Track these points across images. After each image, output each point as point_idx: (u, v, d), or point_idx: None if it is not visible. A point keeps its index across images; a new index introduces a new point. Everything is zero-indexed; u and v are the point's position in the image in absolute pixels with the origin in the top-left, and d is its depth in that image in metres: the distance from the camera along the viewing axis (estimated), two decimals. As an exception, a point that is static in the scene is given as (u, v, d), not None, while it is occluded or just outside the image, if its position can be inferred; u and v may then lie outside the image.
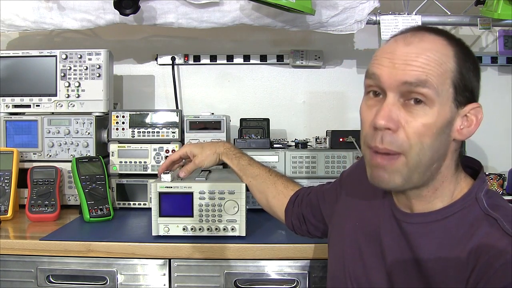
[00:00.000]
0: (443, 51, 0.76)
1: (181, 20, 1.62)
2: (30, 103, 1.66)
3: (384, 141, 0.74)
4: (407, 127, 0.73)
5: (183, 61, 2.00)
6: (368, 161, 0.79)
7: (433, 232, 0.78)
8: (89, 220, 1.43)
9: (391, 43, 0.79)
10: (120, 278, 1.25)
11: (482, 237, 0.73)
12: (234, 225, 1.25)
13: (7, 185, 1.50)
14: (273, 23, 1.63)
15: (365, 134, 0.78)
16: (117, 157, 1.62)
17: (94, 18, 1.62)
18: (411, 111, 0.74)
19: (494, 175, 1.73)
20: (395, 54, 0.75)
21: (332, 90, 2.00)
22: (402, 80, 0.73)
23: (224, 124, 1.64)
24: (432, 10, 1.75)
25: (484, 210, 0.77)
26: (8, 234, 1.33)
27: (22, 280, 1.26)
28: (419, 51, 0.74)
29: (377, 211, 0.89)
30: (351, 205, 0.96)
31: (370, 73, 0.78)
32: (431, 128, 0.74)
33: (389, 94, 0.74)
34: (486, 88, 0.83)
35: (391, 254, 0.83)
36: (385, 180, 0.76)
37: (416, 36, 0.77)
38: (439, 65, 0.74)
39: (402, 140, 0.74)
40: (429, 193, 0.80)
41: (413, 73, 0.73)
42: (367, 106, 0.79)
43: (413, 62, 0.74)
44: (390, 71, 0.74)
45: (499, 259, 0.69)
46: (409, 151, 0.74)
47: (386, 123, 0.73)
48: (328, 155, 1.59)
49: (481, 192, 0.80)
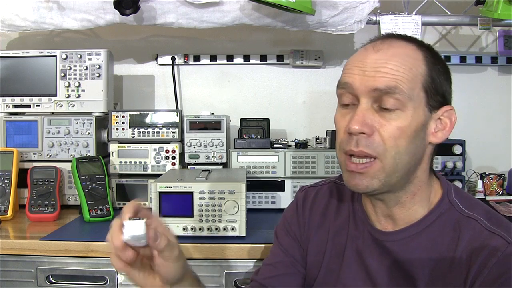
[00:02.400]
0: (413, 55, 0.77)
1: (181, 20, 1.62)
2: (30, 103, 1.66)
3: (359, 145, 0.75)
4: (382, 130, 0.74)
5: (183, 61, 2.00)
6: (344, 167, 0.79)
7: (420, 244, 0.79)
8: (89, 220, 1.43)
9: (361, 51, 0.80)
10: (120, 278, 1.25)
11: (469, 240, 0.75)
12: (234, 225, 1.25)
13: (7, 185, 1.50)
14: (273, 23, 1.63)
15: (340, 141, 0.79)
16: (117, 157, 1.62)
17: (94, 18, 1.62)
18: (384, 115, 0.74)
19: (494, 175, 1.73)
20: (365, 62, 0.76)
21: (332, 90, 1.96)
22: (372, 87, 0.74)
23: (224, 124, 1.64)
24: (432, 10, 1.75)
25: (461, 212, 0.78)
26: (8, 234, 1.33)
27: (22, 280, 1.26)
28: (388, 57, 0.75)
29: (356, 238, 0.87)
30: (323, 238, 0.92)
31: (342, 83, 0.79)
32: (405, 131, 0.74)
33: (362, 100, 0.75)
34: (486, 88, 0.84)
35: (380, 277, 0.82)
36: (362, 185, 0.77)
37: (385, 43, 0.78)
38: (408, 70, 0.75)
39: (378, 143, 0.74)
40: (408, 198, 0.80)
41: (383, 79, 0.74)
42: (341, 114, 0.80)
43: (382, 68, 0.74)
44: (361, 78, 0.75)
45: (492, 257, 0.71)
46: (384, 154, 0.74)
47: (360, 128, 0.74)
48: (328, 155, 1.59)
49: (451, 193, 0.81)
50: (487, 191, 1.72)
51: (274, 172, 1.59)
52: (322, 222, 0.94)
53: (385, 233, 0.83)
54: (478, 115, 1.96)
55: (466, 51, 1.99)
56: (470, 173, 1.79)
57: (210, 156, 1.63)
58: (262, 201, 1.59)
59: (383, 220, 0.83)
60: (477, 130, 1.93)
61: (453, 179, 1.65)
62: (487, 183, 1.73)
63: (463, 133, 1.65)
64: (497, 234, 0.73)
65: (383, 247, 0.82)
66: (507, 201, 1.65)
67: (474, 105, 1.95)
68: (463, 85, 1.95)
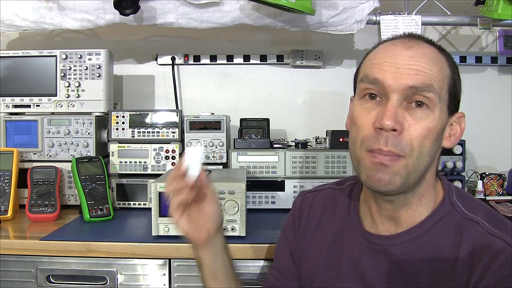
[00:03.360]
0: (439, 57, 0.77)
1: (181, 20, 1.62)
2: (30, 103, 1.66)
3: (388, 143, 0.72)
4: (411, 130, 0.73)
5: (183, 61, 2.00)
6: (366, 163, 0.75)
7: (421, 247, 0.78)
8: (89, 220, 1.43)
9: (389, 46, 0.78)
10: (120, 278, 1.25)
11: (471, 243, 0.74)
12: (234, 225, 1.25)
13: (7, 185, 1.50)
14: (273, 23, 1.63)
15: (363, 137, 0.75)
16: (117, 157, 1.62)
17: (94, 18, 1.62)
18: (413, 114, 0.73)
19: (494, 175, 1.73)
20: (396, 58, 0.74)
21: (332, 90, 2.00)
22: (408, 85, 0.72)
23: (224, 124, 1.64)
24: (432, 10, 1.75)
25: (463, 215, 0.77)
26: (8, 234, 1.33)
27: (22, 280, 1.26)
28: (420, 56, 0.74)
29: (352, 247, 0.86)
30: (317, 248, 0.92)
31: (370, 78, 0.76)
32: (432, 132, 0.74)
33: (393, 97, 0.73)
34: (486, 88, 0.84)
35: (378, 284, 0.80)
36: (385, 181, 0.74)
37: (414, 41, 0.77)
38: (439, 71, 0.75)
39: (406, 142, 0.73)
40: (415, 200, 0.79)
41: (418, 77, 0.72)
42: (365, 108, 0.77)
43: (416, 66, 0.73)
44: (394, 75, 0.73)
45: (495, 261, 0.70)
46: (411, 154, 0.73)
47: (393, 124, 0.72)
48: (328, 155, 1.59)
49: (453, 195, 0.80)
50: (487, 191, 1.72)
51: (274, 172, 1.59)
52: (317, 231, 0.93)
53: (384, 237, 0.82)
54: (478, 115, 1.96)
55: (466, 51, 1.99)
56: (470, 173, 1.79)
57: (210, 156, 1.63)
58: (262, 201, 1.59)
59: (386, 222, 0.82)
60: (477, 130, 1.93)
61: (453, 179, 1.65)
62: (487, 183, 1.73)
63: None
64: (499, 238, 0.72)
65: (382, 252, 0.81)
66: (507, 201, 1.65)
67: (474, 105, 1.95)
68: (463, 85, 1.90)
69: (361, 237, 0.85)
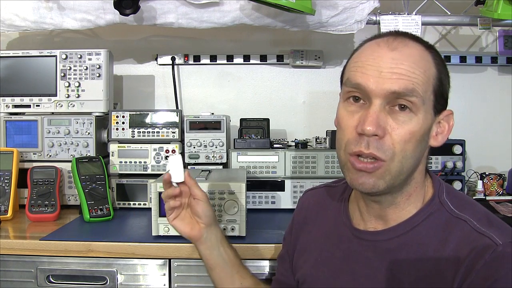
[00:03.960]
0: (425, 57, 0.75)
1: (181, 20, 1.62)
2: (30, 103, 1.66)
3: (370, 146, 0.73)
4: (393, 134, 0.73)
5: (183, 61, 2.00)
6: (349, 166, 0.76)
7: (406, 245, 0.78)
8: (89, 220, 1.43)
9: (372, 47, 0.77)
10: (120, 278, 1.25)
11: (458, 241, 0.73)
12: (234, 225, 1.24)
13: (7, 185, 1.50)
14: (273, 23, 1.63)
15: (347, 140, 0.76)
16: (117, 157, 1.62)
17: (94, 18, 1.62)
18: (397, 118, 0.73)
19: (494, 175, 1.73)
20: (379, 61, 0.73)
21: (332, 90, 2.00)
22: (390, 90, 0.72)
23: (224, 124, 1.64)
24: (432, 10, 1.75)
25: (451, 213, 0.77)
26: (8, 234, 1.33)
27: (22, 280, 1.26)
28: (404, 57, 0.73)
29: (342, 244, 0.87)
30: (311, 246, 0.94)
31: (353, 82, 0.76)
32: (415, 136, 0.73)
33: (375, 101, 0.73)
34: (486, 88, 0.84)
35: (368, 281, 0.81)
36: (369, 185, 0.75)
37: (398, 40, 0.76)
38: (423, 72, 0.73)
39: (388, 146, 0.73)
40: (403, 200, 0.80)
41: (401, 81, 0.72)
42: (348, 112, 0.77)
43: (399, 69, 0.72)
44: (377, 80, 0.73)
45: (480, 259, 0.69)
46: (392, 158, 0.73)
47: (375, 130, 0.72)
48: (328, 155, 1.59)
49: (443, 193, 0.80)
50: (487, 191, 1.72)
51: (274, 172, 1.59)
52: (313, 227, 0.95)
53: (372, 233, 0.82)
54: (478, 115, 1.96)
55: (466, 51, 1.99)
56: (470, 173, 1.79)
57: (210, 156, 1.63)
58: (262, 201, 1.59)
59: (374, 220, 0.83)
60: (477, 130, 1.93)
61: (453, 179, 1.65)
62: (487, 183, 1.73)
63: (463, 133, 1.65)
64: (485, 236, 0.71)
65: (370, 248, 0.81)
66: (507, 201, 1.65)
67: (474, 105, 1.95)
68: (463, 85, 1.96)
69: (350, 234, 0.86)
